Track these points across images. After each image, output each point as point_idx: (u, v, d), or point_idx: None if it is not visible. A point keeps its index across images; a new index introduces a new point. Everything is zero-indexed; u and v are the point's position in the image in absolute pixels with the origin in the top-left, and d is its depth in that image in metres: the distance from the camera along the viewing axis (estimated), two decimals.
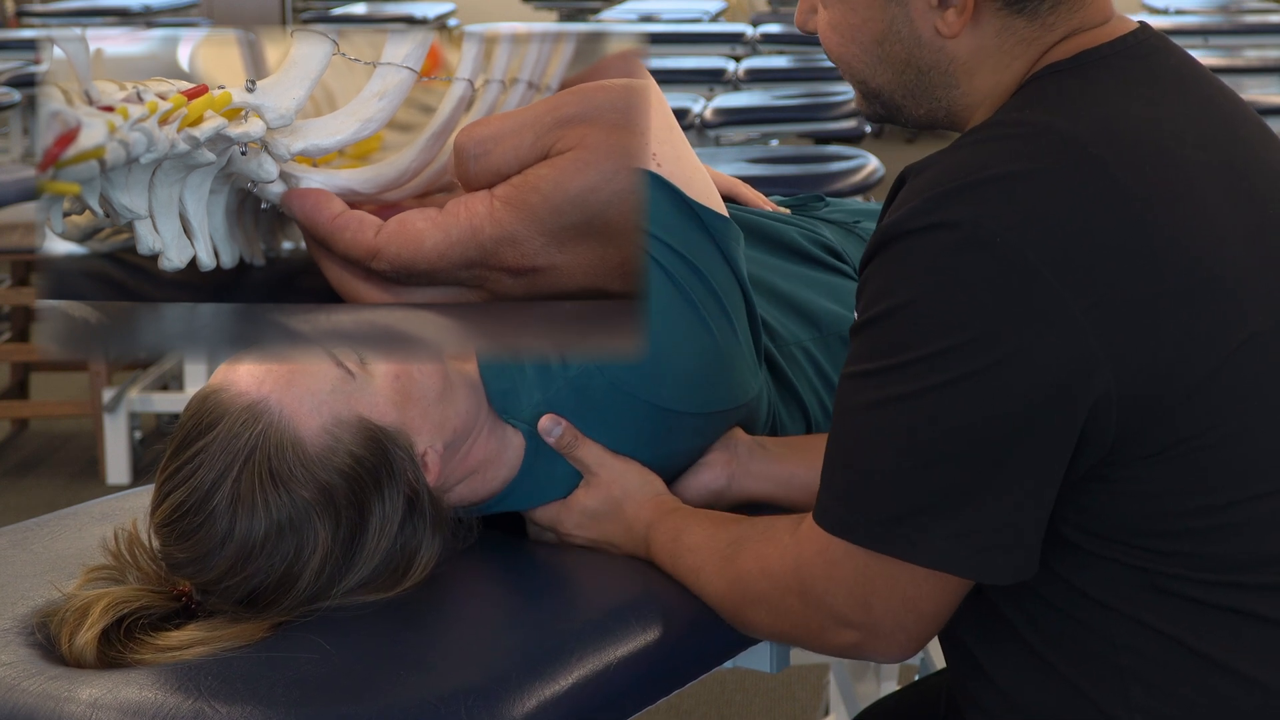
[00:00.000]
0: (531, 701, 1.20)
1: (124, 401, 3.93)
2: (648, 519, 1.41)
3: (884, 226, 1.18)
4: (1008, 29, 1.23)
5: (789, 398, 1.58)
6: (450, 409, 1.38)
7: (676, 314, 1.42)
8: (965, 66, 1.25)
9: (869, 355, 1.18)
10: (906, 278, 1.15)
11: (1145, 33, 1.26)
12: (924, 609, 1.21)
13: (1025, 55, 1.24)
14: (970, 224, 1.13)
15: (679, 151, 1.48)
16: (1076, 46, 1.23)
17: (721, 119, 4.51)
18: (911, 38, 1.25)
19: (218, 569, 1.30)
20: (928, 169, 1.19)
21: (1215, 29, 6.34)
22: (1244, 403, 1.17)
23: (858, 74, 1.29)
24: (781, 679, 2.98)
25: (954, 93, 1.26)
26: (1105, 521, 1.19)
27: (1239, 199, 1.20)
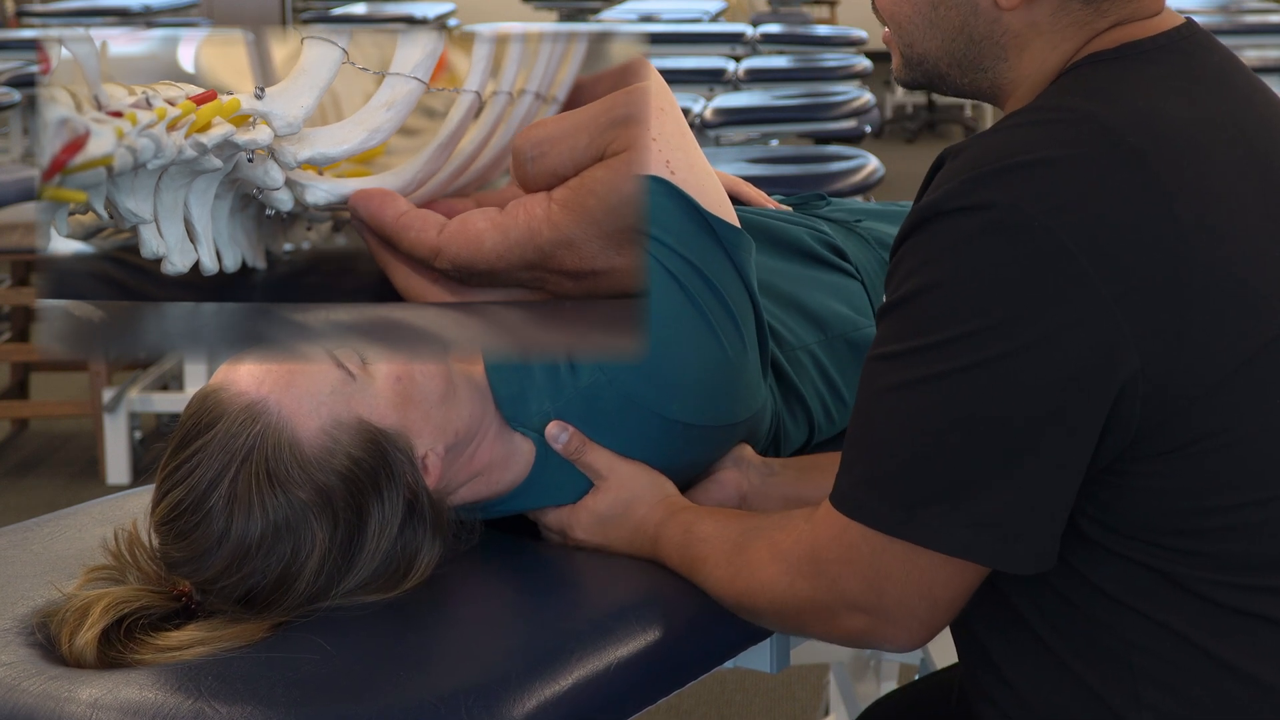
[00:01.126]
0: (531, 701, 1.20)
1: (124, 401, 3.93)
2: (658, 519, 1.41)
3: (920, 207, 1.17)
4: (1063, 9, 1.23)
5: (794, 402, 1.58)
6: (453, 411, 1.38)
7: (688, 326, 1.41)
8: (1017, 41, 1.25)
9: (897, 336, 1.18)
10: (939, 258, 1.15)
11: (1190, 29, 1.26)
12: (939, 596, 1.20)
13: (1075, 38, 1.24)
14: (1007, 206, 1.13)
15: (692, 160, 1.48)
16: (1123, 37, 1.23)
17: (721, 119, 4.51)
18: (968, 4, 1.25)
19: (214, 569, 1.30)
20: (966, 150, 1.19)
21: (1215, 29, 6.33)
22: (1265, 402, 1.17)
23: (907, 36, 1.29)
24: (781, 679, 2.98)
25: (1001, 65, 1.26)
26: (1124, 518, 1.19)
27: (1271, 197, 1.21)
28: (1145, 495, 1.18)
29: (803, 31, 6.55)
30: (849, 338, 1.64)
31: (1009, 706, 1.27)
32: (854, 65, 5.26)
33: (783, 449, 1.57)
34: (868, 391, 1.20)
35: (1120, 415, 1.15)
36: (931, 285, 1.15)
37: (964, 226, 1.14)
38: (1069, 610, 1.23)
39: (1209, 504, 1.18)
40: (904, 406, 1.17)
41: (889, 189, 5.66)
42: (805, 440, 1.60)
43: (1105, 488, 1.18)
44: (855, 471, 1.21)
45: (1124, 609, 1.21)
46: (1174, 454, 1.16)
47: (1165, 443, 1.16)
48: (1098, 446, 1.16)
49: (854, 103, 4.58)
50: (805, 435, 1.59)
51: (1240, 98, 1.25)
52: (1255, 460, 1.18)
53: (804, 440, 1.60)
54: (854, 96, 4.64)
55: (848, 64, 5.28)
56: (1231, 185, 1.19)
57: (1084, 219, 1.13)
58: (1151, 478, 1.17)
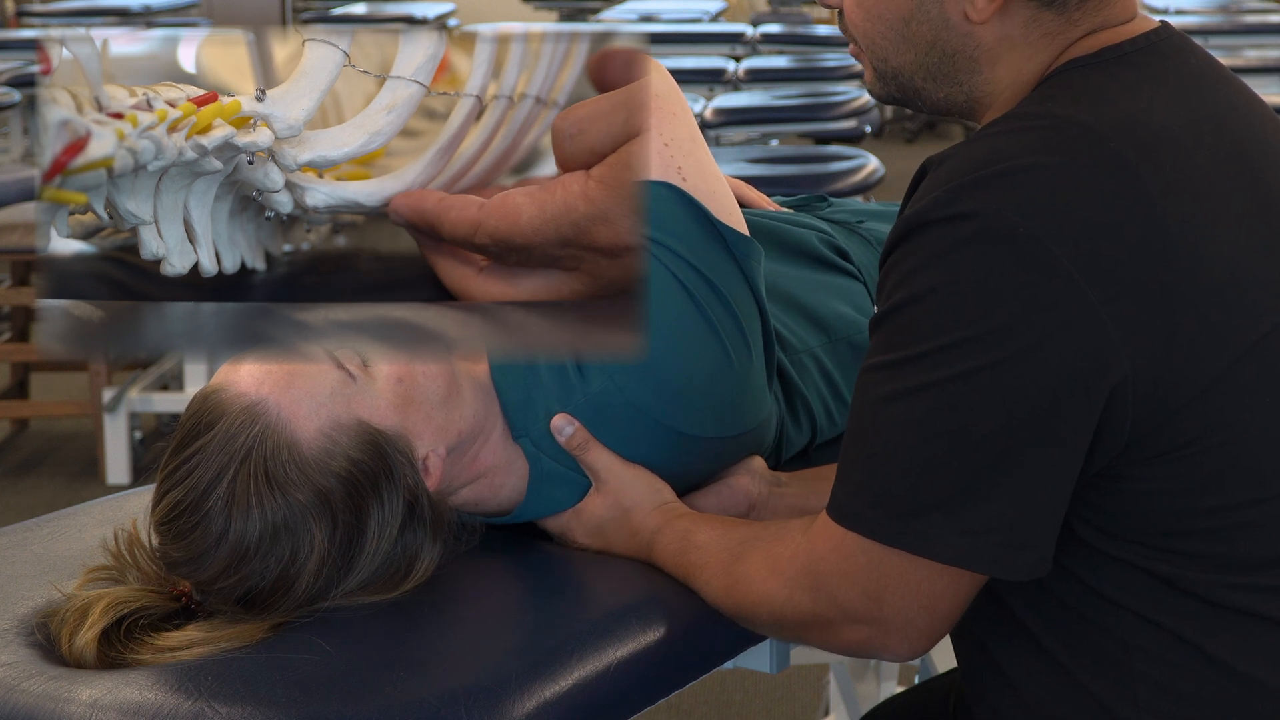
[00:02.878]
0: (531, 701, 1.20)
1: (124, 401, 3.93)
2: (654, 525, 1.41)
3: (905, 217, 1.18)
4: (1035, 21, 1.23)
5: (797, 405, 1.58)
6: (455, 413, 1.38)
7: (697, 337, 1.41)
8: (990, 54, 1.25)
9: (888, 347, 1.18)
10: (926, 268, 1.15)
11: (1167, 31, 1.26)
12: (937, 605, 1.20)
13: (1049, 49, 1.24)
14: (992, 215, 1.13)
15: (704, 166, 1.47)
16: (1099, 43, 1.24)
17: (721, 119, 4.51)
18: (939, 19, 1.25)
19: (213, 569, 1.30)
20: (949, 159, 1.19)
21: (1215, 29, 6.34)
22: (1257, 401, 1.17)
23: (879, 51, 1.29)
24: (781, 679, 2.98)
25: (976, 79, 1.26)
26: (1119, 521, 1.19)
27: (1255, 198, 1.21)
28: (1140, 498, 1.18)
29: (803, 31, 6.56)
30: (852, 340, 1.64)
31: (1008, 710, 1.27)
32: (854, 65, 5.26)
33: (784, 451, 1.57)
34: (861, 402, 1.21)
35: (1112, 420, 1.15)
36: (920, 295, 1.15)
37: (950, 235, 1.14)
38: (1066, 613, 1.23)
39: (1204, 505, 1.18)
40: (897, 417, 1.17)
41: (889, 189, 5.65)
42: (807, 442, 1.60)
43: (1099, 492, 1.19)
44: (851, 483, 1.21)
45: (1121, 611, 1.21)
46: (1167, 456, 1.16)
47: (1158, 445, 1.16)
48: (1090, 451, 1.16)
49: (854, 103, 4.59)
50: (807, 438, 1.59)
51: (1220, 97, 1.25)
52: (1249, 459, 1.18)
53: (805, 442, 1.60)
54: (854, 96, 4.64)
55: (848, 64, 5.28)
56: (1214, 185, 1.19)
57: (1069, 225, 1.13)
58: (1145, 481, 1.17)
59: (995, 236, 1.13)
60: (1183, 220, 1.16)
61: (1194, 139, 1.20)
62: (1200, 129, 1.21)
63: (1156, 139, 1.18)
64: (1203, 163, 1.19)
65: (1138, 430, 1.15)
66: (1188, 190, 1.17)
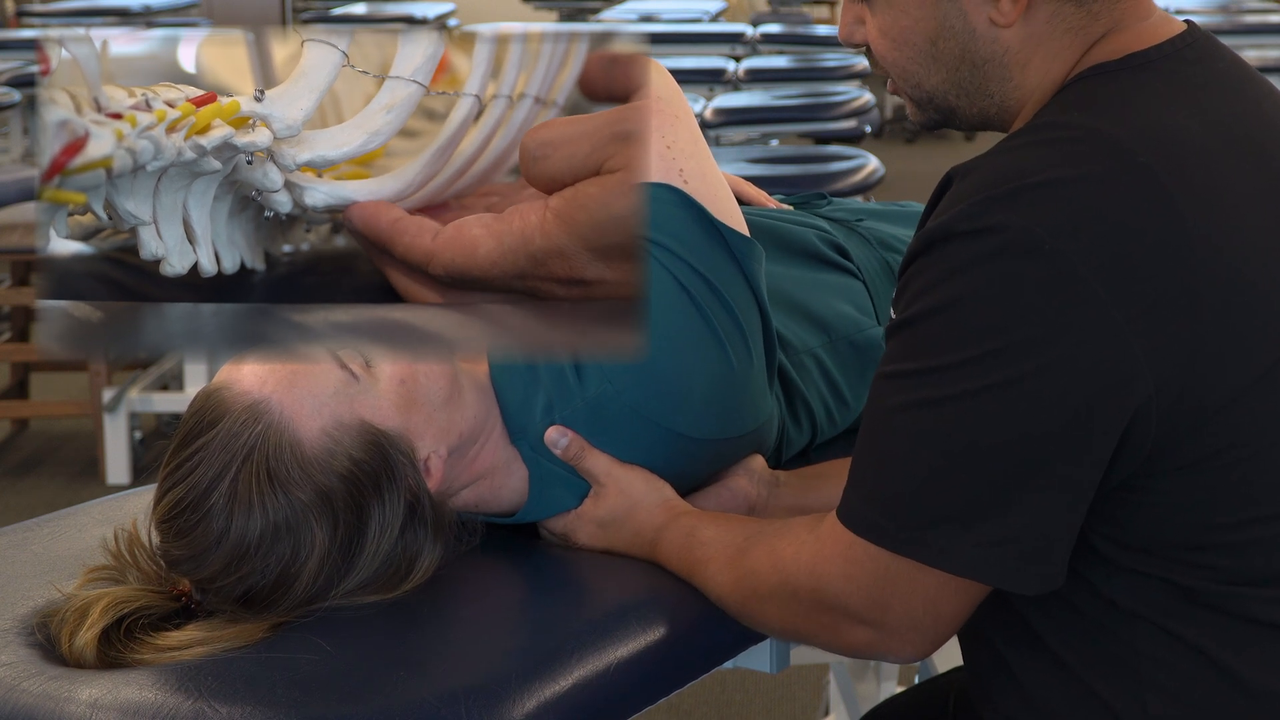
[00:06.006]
0: (531, 701, 1.20)
1: (124, 401, 3.93)
2: (658, 523, 1.41)
3: (929, 228, 1.17)
4: (1058, 15, 1.23)
5: (798, 405, 1.58)
6: (457, 413, 1.38)
7: (697, 339, 1.41)
8: (1019, 57, 1.25)
9: (907, 355, 1.17)
10: (950, 280, 1.14)
11: (1194, 35, 1.25)
12: (943, 611, 1.20)
13: (1073, 46, 1.24)
14: (1019, 230, 1.12)
15: (705, 168, 1.47)
16: (1123, 47, 1.23)
17: (721, 119, 4.51)
18: (965, 31, 1.24)
19: (213, 567, 1.30)
20: (975, 171, 1.18)
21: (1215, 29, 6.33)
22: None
23: (911, 78, 1.28)
24: (781, 679, 2.98)
25: (1007, 86, 1.26)
26: (1137, 533, 1.19)
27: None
28: (1160, 511, 1.17)
29: (803, 31, 6.56)
30: (853, 339, 1.64)
31: (1014, 712, 1.27)
32: (854, 65, 5.27)
33: (785, 451, 1.57)
34: (877, 409, 1.20)
35: (1134, 436, 1.14)
36: (943, 306, 1.15)
37: (976, 249, 1.13)
38: (1079, 620, 1.22)
39: (1224, 518, 1.17)
40: (914, 427, 1.16)
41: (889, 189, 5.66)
42: (807, 442, 1.60)
43: (1119, 504, 1.18)
44: (864, 489, 1.20)
45: (1135, 620, 1.20)
46: (1189, 469, 1.16)
47: (1180, 459, 1.15)
48: (1111, 465, 1.15)
49: (854, 103, 4.59)
50: (808, 438, 1.59)
51: (1249, 103, 1.24)
52: (1271, 473, 1.17)
53: (806, 442, 1.60)
54: (854, 96, 4.64)
55: (848, 64, 5.29)
56: (1243, 195, 1.18)
57: (1096, 241, 1.12)
58: (1166, 494, 1.17)
59: (1021, 252, 1.12)
60: (1210, 232, 1.15)
61: (1222, 147, 1.19)
62: (1228, 136, 1.20)
63: (1183, 149, 1.17)
64: (1231, 171, 1.18)
65: (1160, 443, 1.15)
66: (1216, 201, 1.16)
